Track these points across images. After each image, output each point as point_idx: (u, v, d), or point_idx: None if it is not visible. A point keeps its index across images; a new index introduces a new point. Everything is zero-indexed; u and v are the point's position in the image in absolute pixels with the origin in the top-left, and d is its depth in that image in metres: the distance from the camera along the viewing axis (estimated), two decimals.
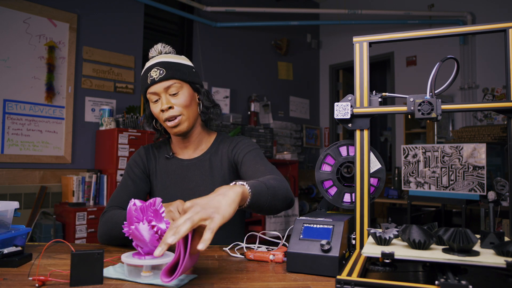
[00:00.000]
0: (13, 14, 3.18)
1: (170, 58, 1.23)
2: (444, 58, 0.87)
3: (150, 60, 1.26)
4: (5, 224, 0.91)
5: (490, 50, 4.46)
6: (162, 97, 1.19)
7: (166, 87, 1.18)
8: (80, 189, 3.22)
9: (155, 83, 1.18)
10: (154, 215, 0.79)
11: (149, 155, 1.33)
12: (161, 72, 1.18)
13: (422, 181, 2.63)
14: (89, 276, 0.71)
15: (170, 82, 1.18)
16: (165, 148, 1.35)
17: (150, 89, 1.20)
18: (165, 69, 1.19)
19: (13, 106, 3.15)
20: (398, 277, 0.72)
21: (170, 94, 1.19)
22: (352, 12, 5.02)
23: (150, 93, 1.20)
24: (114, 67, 3.74)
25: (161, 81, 1.18)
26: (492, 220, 0.79)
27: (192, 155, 1.31)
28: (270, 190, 0.99)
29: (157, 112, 1.21)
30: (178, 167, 1.29)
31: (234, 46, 4.89)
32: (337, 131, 5.93)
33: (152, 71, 1.19)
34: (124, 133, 3.28)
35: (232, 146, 1.30)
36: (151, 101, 1.22)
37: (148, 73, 1.21)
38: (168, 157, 1.30)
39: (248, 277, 0.79)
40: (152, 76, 1.19)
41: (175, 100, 1.19)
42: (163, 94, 1.19)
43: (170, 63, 1.21)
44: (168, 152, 1.33)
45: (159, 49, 1.27)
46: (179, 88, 1.20)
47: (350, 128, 0.89)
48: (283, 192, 1.05)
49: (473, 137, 3.57)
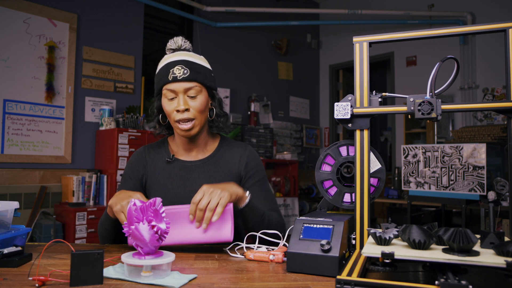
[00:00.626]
0: (13, 14, 3.18)
1: (193, 58, 1.21)
2: (444, 58, 0.87)
3: (171, 54, 1.22)
4: (5, 224, 0.91)
5: (490, 50, 4.46)
6: (179, 97, 1.16)
7: (187, 88, 1.16)
8: (80, 189, 3.22)
9: (177, 81, 1.15)
10: (154, 215, 0.79)
11: (148, 156, 1.31)
12: (185, 72, 1.16)
13: (422, 181, 2.63)
14: (89, 276, 0.71)
15: (192, 84, 1.16)
16: (164, 149, 1.32)
17: (169, 85, 1.17)
18: (190, 69, 1.16)
19: (13, 106, 3.15)
20: (398, 277, 0.72)
21: (189, 96, 1.17)
22: (352, 12, 5.02)
23: (168, 89, 1.17)
24: (114, 67, 3.74)
25: (183, 81, 1.15)
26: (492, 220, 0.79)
27: (196, 157, 1.29)
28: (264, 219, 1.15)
29: (170, 110, 1.18)
30: (180, 169, 1.27)
31: (234, 46, 4.89)
32: (337, 131, 5.93)
33: (176, 69, 1.16)
34: (124, 133, 3.28)
35: (244, 161, 1.29)
36: (165, 97, 1.18)
37: (170, 68, 1.17)
38: (170, 160, 1.27)
39: (248, 277, 0.79)
40: (174, 74, 1.16)
41: (192, 103, 1.17)
42: (181, 95, 1.16)
43: (194, 64, 1.19)
44: (168, 154, 1.30)
45: (180, 43, 1.24)
46: (198, 92, 1.18)
47: (350, 128, 0.89)
48: (275, 227, 1.13)
49: (473, 137, 3.57)
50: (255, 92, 5.05)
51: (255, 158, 1.33)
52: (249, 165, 1.30)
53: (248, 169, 1.29)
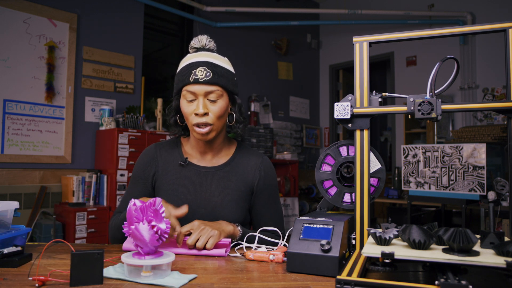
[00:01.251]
0: (13, 14, 3.18)
1: (217, 59, 1.17)
2: (444, 58, 0.87)
3: (194, 54, 1.19)
4: (5, 224, 0.91)
5: (490, 50, 4.46)
6: (199, 100, 1.13)
7: (208, 91, 1.13)
8: (80, 189, 3.22)
9: (198, 84, 1.12)
10: (154, 215, 0.79)
11: (159, 156, 1.26)
12: (207, 74, 1.12)
13: (422, 181, 2.63)
14: (89, 276, 0.71)
15: (213, 87, 1.13)
16: (177, 151, 1.27)
17: (190, 87, 1.13)
18: (212, 72, 1.13)
19: (13, 106, 3.15)
20: (398, 277, 0.72)
21: (209, 100, 1.14)
22: (352, 12, 5.02)
23: (189, 91, 1.13)
24: (114, 67, 3.74)
25: (205, 84, 1.12)
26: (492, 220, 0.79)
27: (210, 163, 1.25)
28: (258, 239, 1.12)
29: (188, 113, 1.15)
30: (193, 174, 1.23)
31: (234, 46, 4.89)
32: (337, 131, 5.93)
33: (198, 70, 1.13)
34: (124, 133, 3.28)
35: (258, 174, 1.26)
36: (185, 98, 1.15)
37: (192, 69, 1.13)
38: (183, 164, 1.23)
39: (248, 277, 0.79)
40: (196, 75, 1.12)
41: (212, 107, 1.14)
42: (201, 97, 1.13)
43: (218, 67, 1.15)
44: (182, 157, 1.25)
45: (204, 42, 1.20)
46: (219, 96, 1.14)
47: (350, 128, 0.89)
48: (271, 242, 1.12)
49: (473, 137, 3.57)
50: (255, 92, 5.05)
51: (270, 172, 1.30)
52: (262, 179, 1.26)
53: (260, 184, 1.26)
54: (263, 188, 1.26)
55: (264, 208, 1.26)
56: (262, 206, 1.26)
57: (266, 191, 1.27)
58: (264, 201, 1.26)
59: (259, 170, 1.26)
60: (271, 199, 1.28)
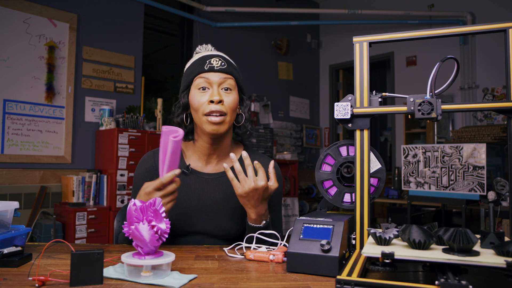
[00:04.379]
0: (13, 14, 3.18)
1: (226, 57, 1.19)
2: (444, 58, 0.87)
3: (202, 52, 1.20)
4: (5, 224, 0.91)
5: (490, 50, 4.46)
6: (213, 88, 1.10)
7: (223, 79, 1.12)
8: (80, 189, 3.23)
9: (214, 71, 1.11)
10: (154, 215, 0.79)
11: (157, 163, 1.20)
12: (222, 64, 1.13)
13: (422, 181, 2.63)
14: (89, 276, 0.71)
15: (228, 76, 1.13)
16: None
17: (205, 74, 1.11)
18: (227, 63, 1.14)
19: (13, 106, 3.15)
20: (398, 277, 0.72)
21: (223, 89, 1.12)
22: (352, 12, 5.02)
23: (203, 78, 1.11)
24: (114, 67, 3.74)
25: (220, 72, 1.12)
26: (492, 220, 0.79)
27: (214, 169, 1.20)
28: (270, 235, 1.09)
29: (201, 102, 1.10)
30: (196, 182, 1.18)
31: (234, 46, 4.89)
32: (337, 131, 5.93)
33: (213, 59, 1.13)
34: (124, 133, 3.28)
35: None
36: (197, 87, 1.12)
37: (206, 59, 1.14)
38: (187, 172, 1.18)
39: (248, 277, 0.79)
40: (212, 64, 1.12)
41: (226, 97, 1.11)
42: (215, 86, 1.11)
43: (229, 61, 1.17)
44: (184, 164, 1.20)
45: (209, 48, 1.23)
46: (233, 87, 1.14)
47: (350, 128, 0.89)
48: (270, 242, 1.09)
49: (473, 137, 3.57)
50: (255, 92, 5.06)
51: (277, 179, 1.23)
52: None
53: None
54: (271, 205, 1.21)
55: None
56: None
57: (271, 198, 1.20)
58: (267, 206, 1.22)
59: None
60: (273, 206, 1.23)
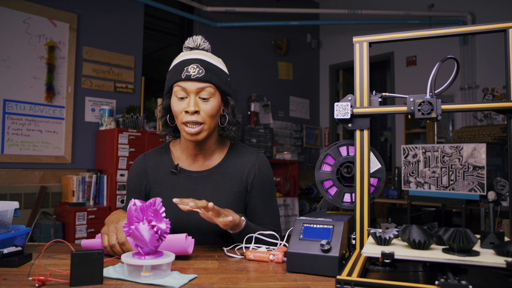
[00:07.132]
0: (13, 14, 3.18)
1: (210, 58, 1.15)
2: (444, 58, 0.87)
3: (187, 52, 1.16)
4: (5, 224, 0.91)
5: (490, 50, 4.46)
6: (190, 98, 1.09)
7: (200, 88, 1.09)
8: (80, 189, 3.22)
9: (190, 80, 1.09)
10: (154, 215, 0.79)
11: (148, 166, 1.23)
12: (199, 71, 1.09)
13: (422, 181, 2.63)
14: (89, 276, 0.71)
15: (205, 85, 1.10)
16: (166, 157, 1.24)
17: (181, 83, 1.09)
18: (205, 69, 1.10)
19: (13, 106, 3.15)
20: (398, 277, 0.72)
21: (200, 98, 1.10)
22: (352, 12, 5.02)
23: (180, 87, 1.10)
24: (114, 67, 3.74)
25: (197, 81, 1.09)
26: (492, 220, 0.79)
27: (202, 166, 1.22)
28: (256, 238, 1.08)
29: (178, 111, 1.10)
30: (185, 180, 1.20)
31: (234, 46, 4.89)
32: (337, 131, 5.93)
33: (191, 67, 1.10)
34: (124, 133, 3.28)
35: (252, 173, 1.22)
36: (175, 95, 1.11)
37: (184, 66, 1.10)
38: (175, 172, 1.20)
39: (248, 277, 0.79)
40: (188, 72, 1.09)
41: (204, 105, 1.10)
42: (193, 95, 1.09)
43: (210, 65, 1.13)
44: (172, 164, 1.22)
45: (199, 41, 1.18)
46: (211, 94, 1.11)
47: (350, 128, 0.89)
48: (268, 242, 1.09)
49: (473, 137, 3.57)
50: (255, 92, 5.05)
51: (265, 170, 1.25)
52: (257, 178, 1.22)
53: (255, 182, 1.22)
54: (259, 186, 1.23)
55: (259, 206, 1.23)
56: (257, 204, 1.22)
57: (261, 188, 1.23)
58: (260, 199, 1.23)
59: (254, 168, 1.22)
60: (267, 196, 1.24)
